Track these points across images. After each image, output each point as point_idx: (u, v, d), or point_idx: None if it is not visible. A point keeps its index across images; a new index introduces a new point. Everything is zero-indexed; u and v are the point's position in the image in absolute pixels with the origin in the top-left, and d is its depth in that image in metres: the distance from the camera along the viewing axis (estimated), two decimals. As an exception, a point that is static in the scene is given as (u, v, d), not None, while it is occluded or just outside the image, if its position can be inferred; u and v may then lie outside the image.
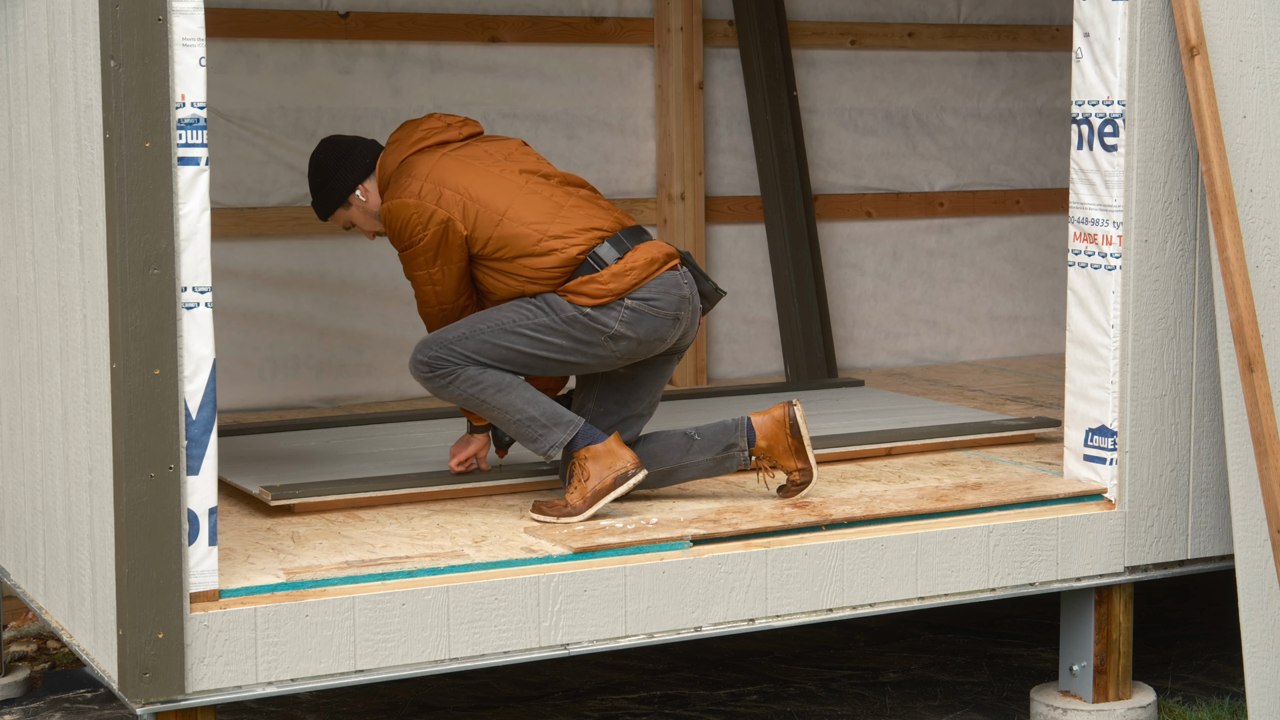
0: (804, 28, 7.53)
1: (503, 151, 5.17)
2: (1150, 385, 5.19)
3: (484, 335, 4.97)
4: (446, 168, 5.04)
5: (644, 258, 5.03)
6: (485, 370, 4.96)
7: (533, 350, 4.98)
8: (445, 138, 5.14)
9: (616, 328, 4.98)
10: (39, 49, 4.63)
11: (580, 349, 5.00)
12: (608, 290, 4.97)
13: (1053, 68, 8.04)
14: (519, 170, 5.11)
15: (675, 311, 5.05)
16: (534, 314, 4.99)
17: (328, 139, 5.28)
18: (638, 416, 5.21)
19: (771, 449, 5.14)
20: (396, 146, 5.14)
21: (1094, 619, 5.24)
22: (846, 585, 4.88)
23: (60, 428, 4.61)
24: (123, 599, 4.12)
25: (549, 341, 4.98)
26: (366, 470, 5.42)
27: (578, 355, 5.01)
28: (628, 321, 4.98)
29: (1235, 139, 5.11)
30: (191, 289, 4.14)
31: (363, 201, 5.18)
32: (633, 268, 5.00)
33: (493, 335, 4.97)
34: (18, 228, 4.95)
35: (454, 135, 5.16)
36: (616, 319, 4.98)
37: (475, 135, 5.23)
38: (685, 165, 7.26)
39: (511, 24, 7.03)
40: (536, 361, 5.00)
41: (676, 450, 5.18)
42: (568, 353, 5.00)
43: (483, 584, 4.47)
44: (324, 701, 5.62)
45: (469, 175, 5.03)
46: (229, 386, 6.60)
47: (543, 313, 4.99)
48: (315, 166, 5.23)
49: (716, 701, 5.66)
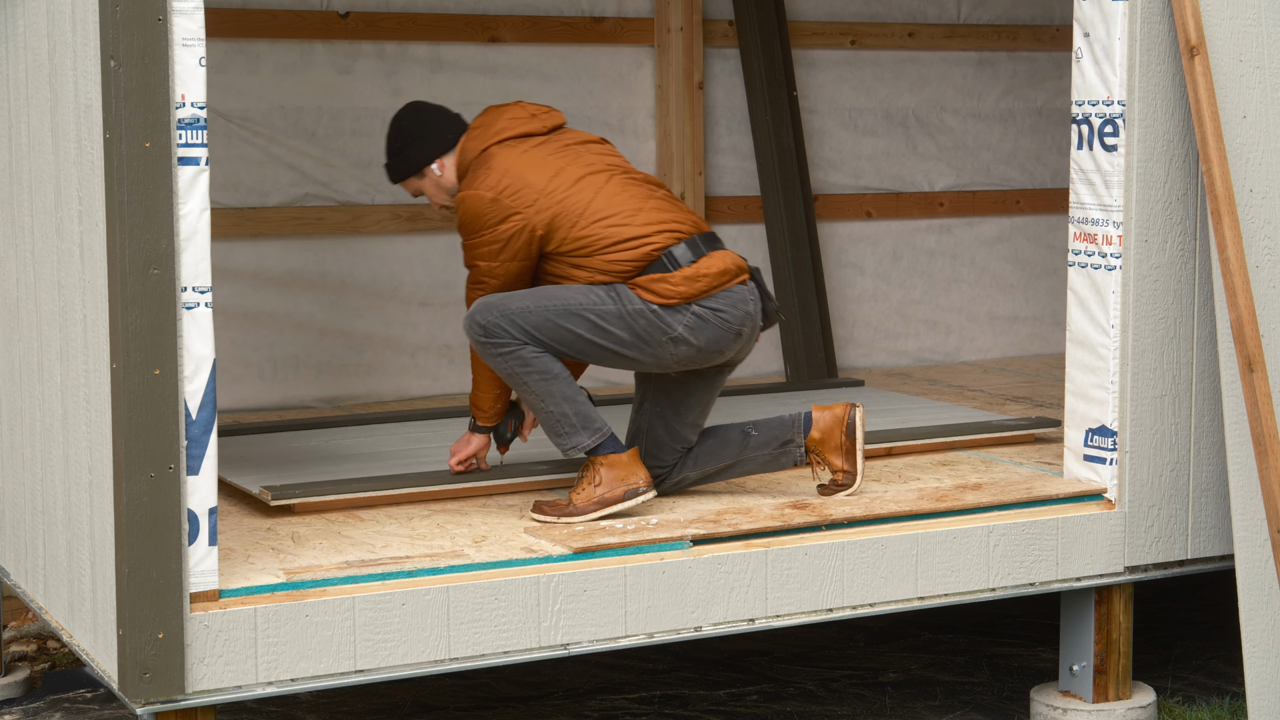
0: (804, 28, 7.53)
1: (585, 147, 5.13)
2: (1150, 385, 5.19)
3: (547, 313, 4.91)
4: (527, 163, 4.99)
5: (717, 266, 4.99)
6: (539, 355, 4.89)
7: (592, 337, 4.93)
8: (528, 129, 5.08)
9: (680, 331, 4.94)
10: (39, 49, 4.63)
11: (639, 345, 4.95)
12: (677, 292, 4.93)
13: (1053, 68, 8.04)
14: (601, 167, 5.07)
15: (739, 326, 5.01)
16: (601, 301, 4.94)
17: (414, 104, 5.21)
18: (691, 426, 5.17)
19: (824, 443, 5.16)
20: (479, 133, 5.08)
21: (1094, 619, 5.24)
22: (846, 585, 4.88)
23: (60, 428, 4.61)
24: (123, 599, 4.12)
25: (610, 331, 4.93)
26: (366, 470, 5.42)
27: (635, 351, 4.96)
28: (691, 327, 4.95)
29: (1235, 139, 5.11)
30: (191, 289, 4.14)
31: (438, 176, 5.13)
32: (705, 274, 4.96)
33: (555, 314, 4.91)
34: (18, 228, 4.95)
35: (537, 127, 5.10)
36: (681, 323, 4.94)
37: (558, 128, 5.17)
38: (685, 165, 7.26)
39: (511, 24, 7.03)
40: (592, 349, 4.95)
41: (733, 446, 5.17)
42: (626, 346, 4.95)
43: (483, 584, 4.47)
44: (324, 701, 5.62)
45: (549, 172, 4.98)
46: (229, 386, 6.60)
47: (611, 301, 4.94)
48: (396, 130, 5.17)
49: (716, 701, 5.66)
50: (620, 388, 7.26)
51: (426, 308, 6.99)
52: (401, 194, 6.87)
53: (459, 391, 7.03)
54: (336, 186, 6.81)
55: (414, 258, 6.95)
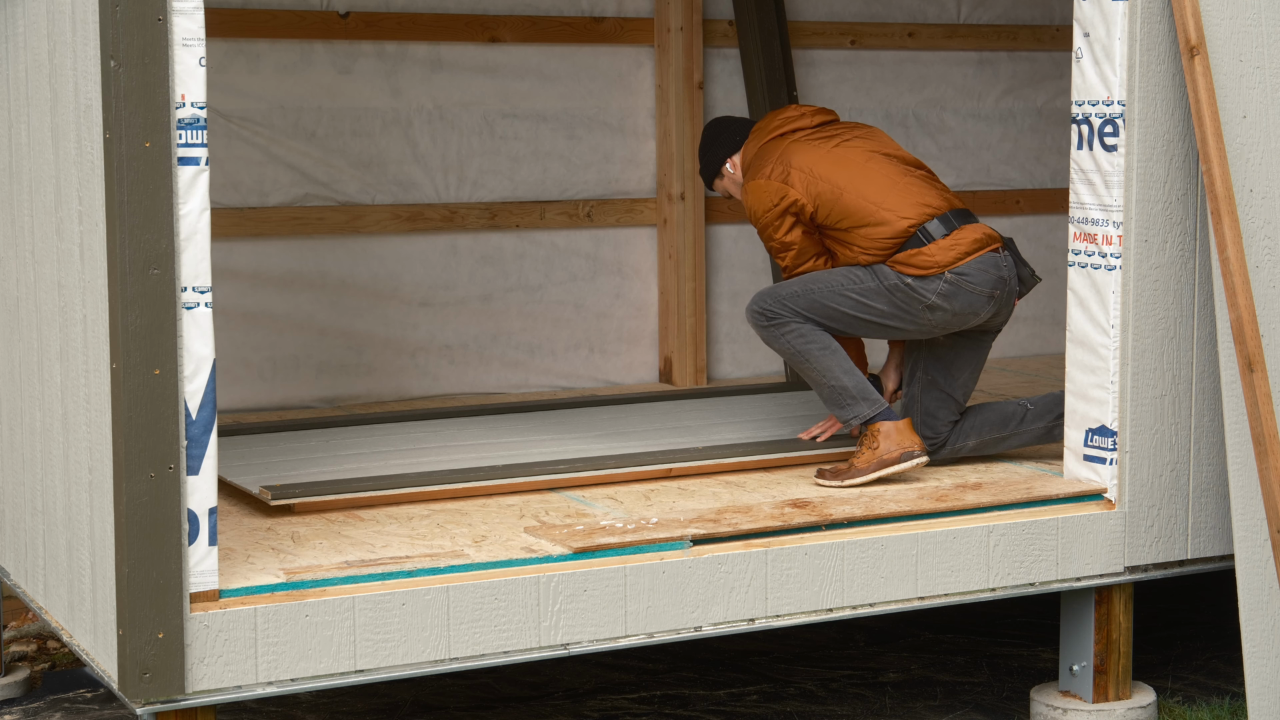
0: (804, 28, 7.53)
1: (851, 133, 5.68)
2: (1150, 385, 5.19)
3: (814, 295, 5.48)
4: (796, 151, 5.60)
5: (970, 236, 5.48)
6: (816, 330, 5.46)
7: (855, 312, 5.47)
8: (798, 125, 5.71)
9: (933, 299, 5.43)
10: (39, 49, 4.63)
11: (899, 315, 5.47)
12: (934, 262, 5.42)
13: (1053, 68, 8.04)
14: (864, 150, 5.62)
15: (991, 290, 5.47)
16: (861, 279, 5.48)
17: (714, 119, 5.95)
18: (961, 389, 5.63)
19: None
20: (758, 134, 5.76)
21: (1094, 619, 5.24)
22: (846, 585, 4.88)
23: (60, 428, 4.61)
24: (123, 599, 4.12)
25: (871, 305, 5.46)
26: (366, 470, 5.42)
27: (895, 320, 5.48)
28: (944, 294, 5.43)
29: (1235, 139, 5.11)
30: (191, 289, 4.14)
31: (731, 174, 5.83)
32: (958, 244, 5.45)
33: (822, 295, 5.48)
34: (18, 228, 4.95)
35: (806, 123, 5.71)
36: (934, 291, 5.42)
37: (828, 122, 5.75)
38: (685, 165, 7.26)
39: (511, 24, 7.03)
40: (857, 323, 5.50)
41: (1013, 419, 5.67)
42: (887, 317, 5.47)
43: (483, 584, 4.47)
44: (324, 701, 5.62)
45: (814, 155, 5.57)
46: (229, 386, 6.60)
47: (871, 278, 5.47)
48: (700, 142, 5.94)
49: (716, 701, 5.66)
50: (620, 388, 7.27)
51: (426, 308, 6.99)
52: (401, 194, 6.88)
53: (459, 391, 7.03)
54: (336, 186, 6.81)
55: (414, 258, 6.95)
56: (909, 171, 5.61)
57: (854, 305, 5.46)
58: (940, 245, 5.43)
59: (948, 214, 5.51)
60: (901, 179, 5.56)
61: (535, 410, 6.43)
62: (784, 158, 5.58)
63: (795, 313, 5.46)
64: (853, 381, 5.45)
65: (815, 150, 5.59)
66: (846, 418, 5.47)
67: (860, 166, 5.55)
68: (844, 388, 5.45)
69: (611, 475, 5.41)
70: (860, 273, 5.49)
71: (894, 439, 5.38)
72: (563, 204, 7.17)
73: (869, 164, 5.57)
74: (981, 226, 5.53)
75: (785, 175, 5.53)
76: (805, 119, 5.73)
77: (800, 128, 5.70)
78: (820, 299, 5.47)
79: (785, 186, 5.52)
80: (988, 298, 5.47)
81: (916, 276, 5.42)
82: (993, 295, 5.48)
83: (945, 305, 5.43)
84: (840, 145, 5.62)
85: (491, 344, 7.10)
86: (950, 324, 5.50)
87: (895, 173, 5.57)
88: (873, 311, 5.46)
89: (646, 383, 7.38)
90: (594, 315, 7.28)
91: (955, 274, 5.42)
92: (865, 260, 5.49)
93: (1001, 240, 5.55)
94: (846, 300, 5.46)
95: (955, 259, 5.42)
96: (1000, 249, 5.53)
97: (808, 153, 5.58)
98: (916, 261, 5.42)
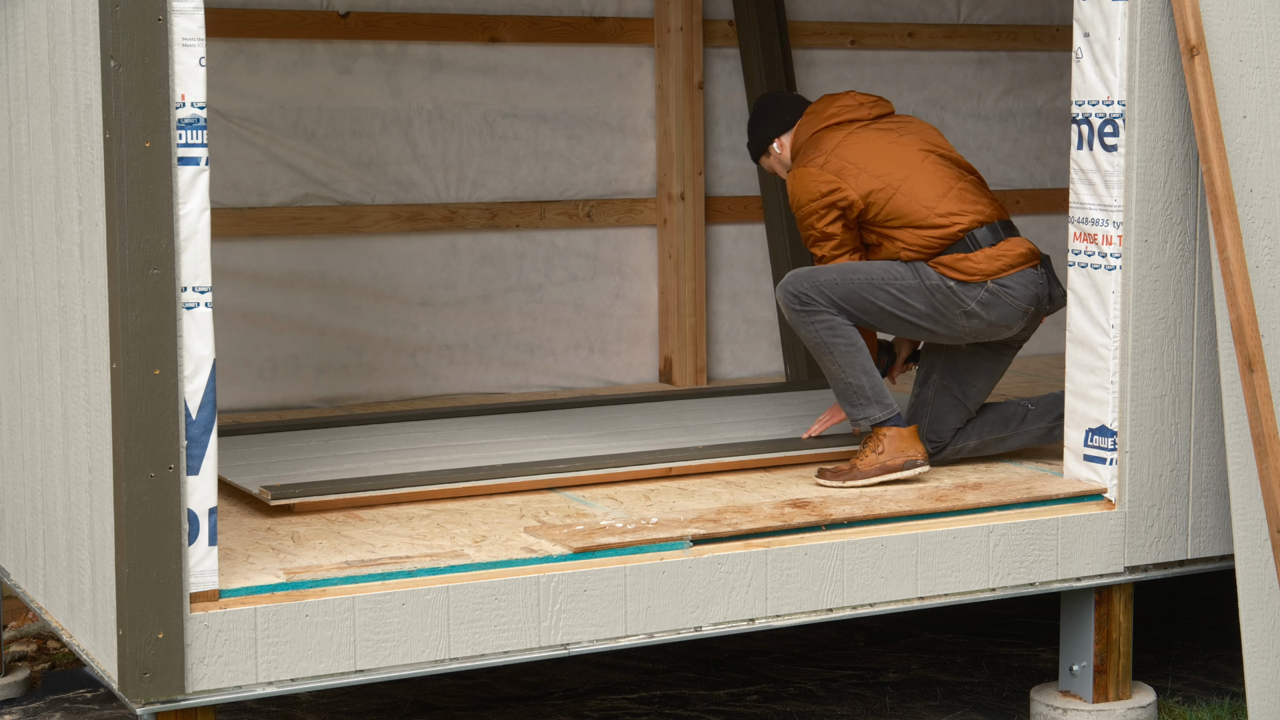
0: (804, 28, 7.53)
1: (907, 130, 5.62)
2: (1150, 385, 5.19)
3: (853, 285, 5.41)
4: (850, 144, 5.53)
5: (1015, 250, 5.46)
6: (847, 325, 5.40)
7: (891, 308, 5.42)
8: (855, 116, 5.63)
9: (972, 305, 5.41)
10: (39, 49, 4.63)
11: (935, 317, 5.43)
12: (979, 270, 5.40)
13: (1053, 68, 8.04)
14: (919, 148, 5.56)
15: (1028, 306, 5.46)
16: (903, 275, 5.43)
17: (765, 94, 5.92)
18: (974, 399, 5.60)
19: None
20: (811, 119, 5.66)
21: (1094, 619, 5.24)
22: (846, 585, 4.88)
23: (60, 428, 4.61)
24: (123, 599, 4.12)
25: (909, 303, 5.42)
26: (366, 470, 5.42)
27: (930, 322, 5.45)
28: (984, 303, 5.41)
29: (1235, 139, 5.11)
30: (191, 289, 4.14)
31: (778, 153, 5.77)
32: (1005, 254, 5.43)
33: (860, 287, 5.41)
34: (18, 228, 4.95)
35: (864, 115, 5.64)
36: (975, 298, 5.41)
37: (885, 115, 5.68)
38: (685, 165, 7.26)
39: (511, 24, 7.03)
40: (891, 319, 5.45)
41: (1014, 419, 5.65)
42: (922, 317, 5.44)
43: (483, 584, 4.47)
44: (324, 701, 5.62)
45: (869, 151, 5.50)
46: (229, 386, 6.60)
47: (912, 275, 5.42)
48: (751, 117, 5.86)
49: (716, 701, 5.66)
50: (620, 388, 7.27)
51: (426, 308, 6.99)
52: (401, 194, 6.88)
53: (459, 391, 7.03)
54: (336, 186, 6.81)
55: (414, 258, 6.95)
56: (962, 175, 5.57)
57: (891, 301, 5.41)
58: (986, 254, 5.41)
59: (995, 223, 5.48)
60: (956, 183, 5.51)
61: (535, 410, 6.43)
62: (839, 150, 5.51)
63: (831, 301, 5.39)
64: (869, 382, 5.41)
65: (870, 145, 5.52)
66: (857, 417, 5.45)
67: (916, 166, 5.50)
68: (860, 387, 5.41)
69: (611, 475, 5.42)
70: (901, 269, 5.44)
71: (899, 445, 5.36)
72: (563, 204, 7.17)
73: (924, 164, 5.52)
74: (1025, 241, 5.51)
75: (840, 169, 5.46)
76: (863, 109, 5.64)
77: (857, 119, 5.62)
78: (858, 290, 5.40)
79: (838, 180, 5.45)
80: (1023, 313, 5.46)
81: (959, 281, 5.39)
82: (1028, 311, 5.47)
83: (983, 314, 5.41)
84: (895, 142, 5.55)
85: (491, 344, 7.10)
86: (983, 333, 5.47)
87: (950, 175, 5.53)
88: (909, 310, 5.42)
89: (646, 383, 7.38)
90: (594, 315, 7.28)
91: (997, 284, 5.41)
92: (907, 256, 5.45)
93: (1040, 256, 5.54)
94: (885, 295, 5.41)
95: (999, 270, 5.41)
96: (1038, 266, 5.52)
97: (863, 147, 5.51)
98: (961, 266, 5.40)
